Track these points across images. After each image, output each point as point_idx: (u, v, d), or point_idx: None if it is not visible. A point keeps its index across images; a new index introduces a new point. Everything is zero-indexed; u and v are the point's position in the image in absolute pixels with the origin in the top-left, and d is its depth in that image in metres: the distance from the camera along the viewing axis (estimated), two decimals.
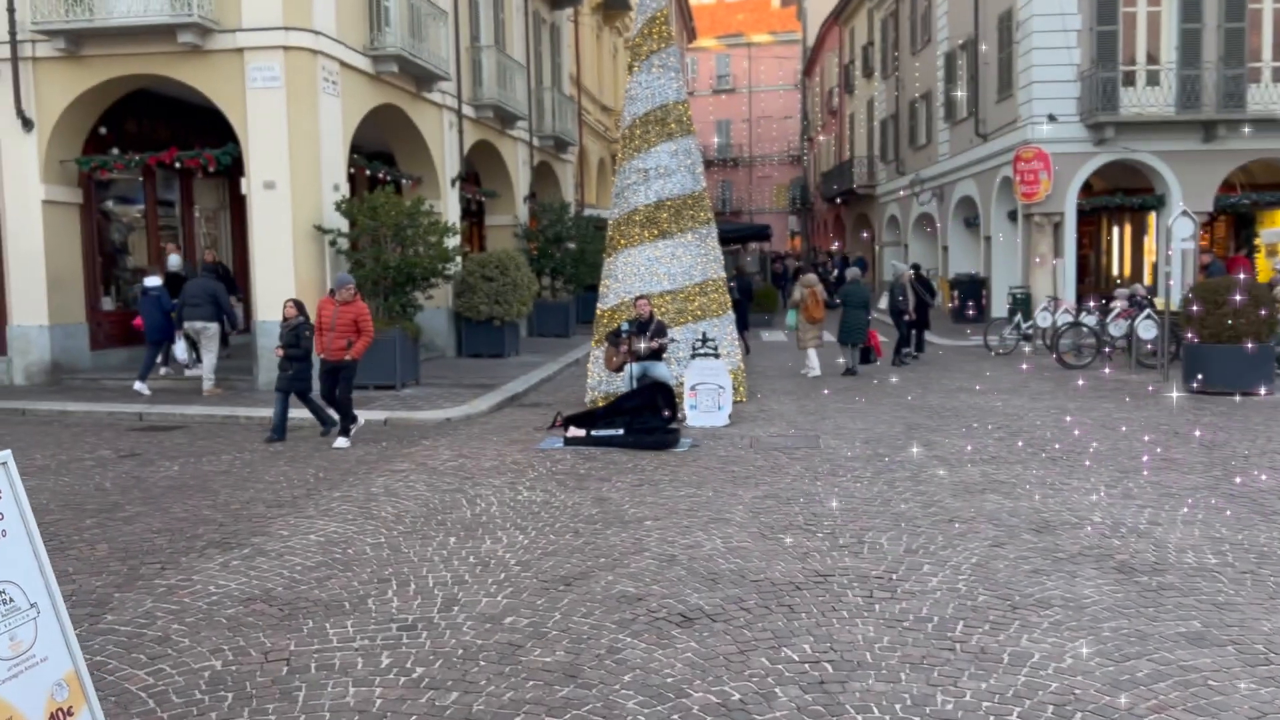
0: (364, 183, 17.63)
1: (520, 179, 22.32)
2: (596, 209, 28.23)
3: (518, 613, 5.09)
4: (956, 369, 16.02)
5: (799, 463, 8.83)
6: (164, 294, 13.37)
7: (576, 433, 10.02)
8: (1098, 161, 21.60)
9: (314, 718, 3.96)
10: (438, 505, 7.38)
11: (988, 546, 6.19)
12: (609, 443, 9.79)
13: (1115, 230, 26.73)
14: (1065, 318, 17.36)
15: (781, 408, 12.14)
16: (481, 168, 21.41)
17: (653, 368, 11.27)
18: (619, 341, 11.41)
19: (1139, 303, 16.67)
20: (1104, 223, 26.90)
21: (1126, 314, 16.38)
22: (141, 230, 16.14)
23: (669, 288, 12.47)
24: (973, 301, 24.61)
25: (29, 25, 13.09)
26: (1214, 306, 12.67)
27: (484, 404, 12.40)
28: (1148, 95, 21.07)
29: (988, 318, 22.61)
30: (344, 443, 9.92)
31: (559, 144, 24.79)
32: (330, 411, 10.34)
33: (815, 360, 15.24)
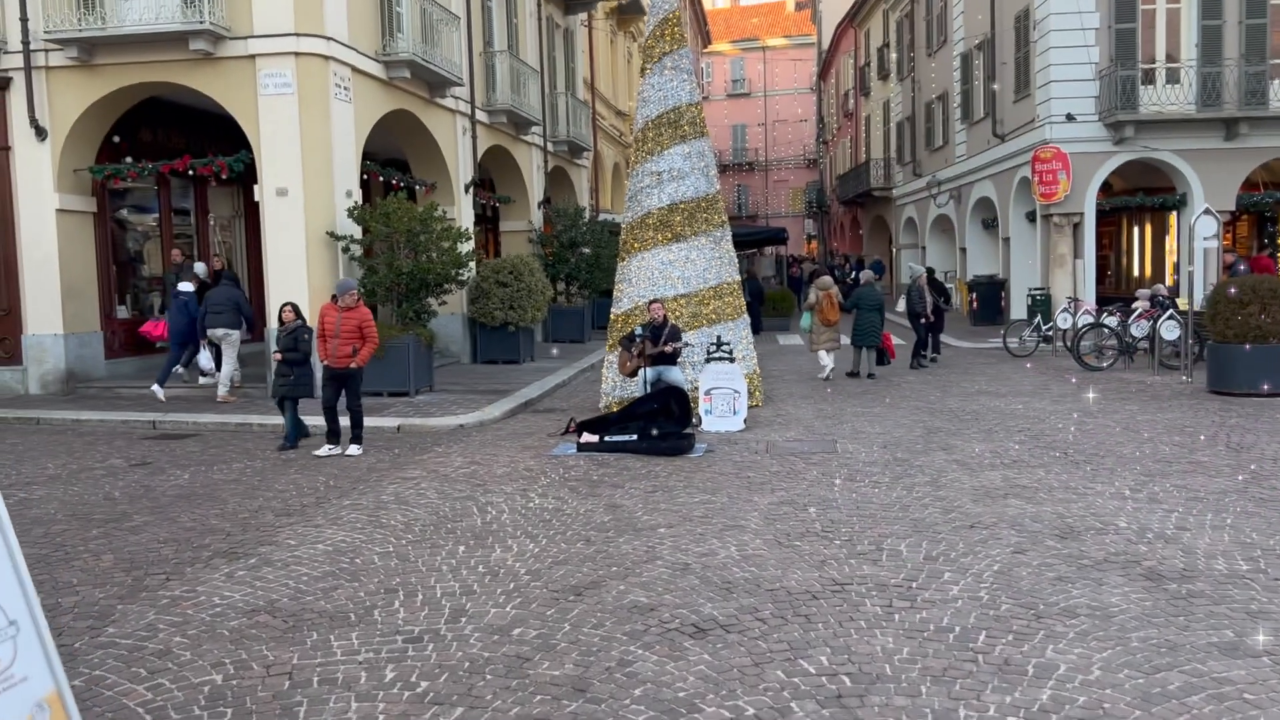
0: (378, 189, 17.63)
1: (535, 184, 22.25)
2: (611, 214, 28.14)
3: (526, 624, 4.96)
4: (976, 372, 15.81)
5: (816, 468, 8.67)
6: (193, 300, 13.58)
7: (590, 438, 9.90)
8: (1117, 161, 21.33)
9: None
10: (448, 513, 7.27)
11: (1010, 553, 6.03)
12: (623, 449, 9.66)
13: (1135, 230, 26.41)
14: (1086, 319, 17.11)
15: (798, 412, 11.98)
16: (496, 173, 21.36)
17: (667, 372, 11.13)
18: (633, 346, 11.29)
19: (1161, 303, 16.42)
20: (1124, 223, 26.59)
21: (1148, 315, 16.14)
22: (156, 239, 16.15)
23: (683, 291, 12.34)
24: (989, 304, 24.35)
25: (41, 34, 13.11)
26: (1238, 306, 12.43)
27: (497, 410, 12.31)
28: (1167, 93, 20.79)
29: (1007, 320, 22.38)
30: (356, 450, 9.84)
31: (573, 149, 24.71)
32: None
33: (830, 362, 15.13)
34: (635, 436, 9.83)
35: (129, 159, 14.22)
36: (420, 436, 10.89)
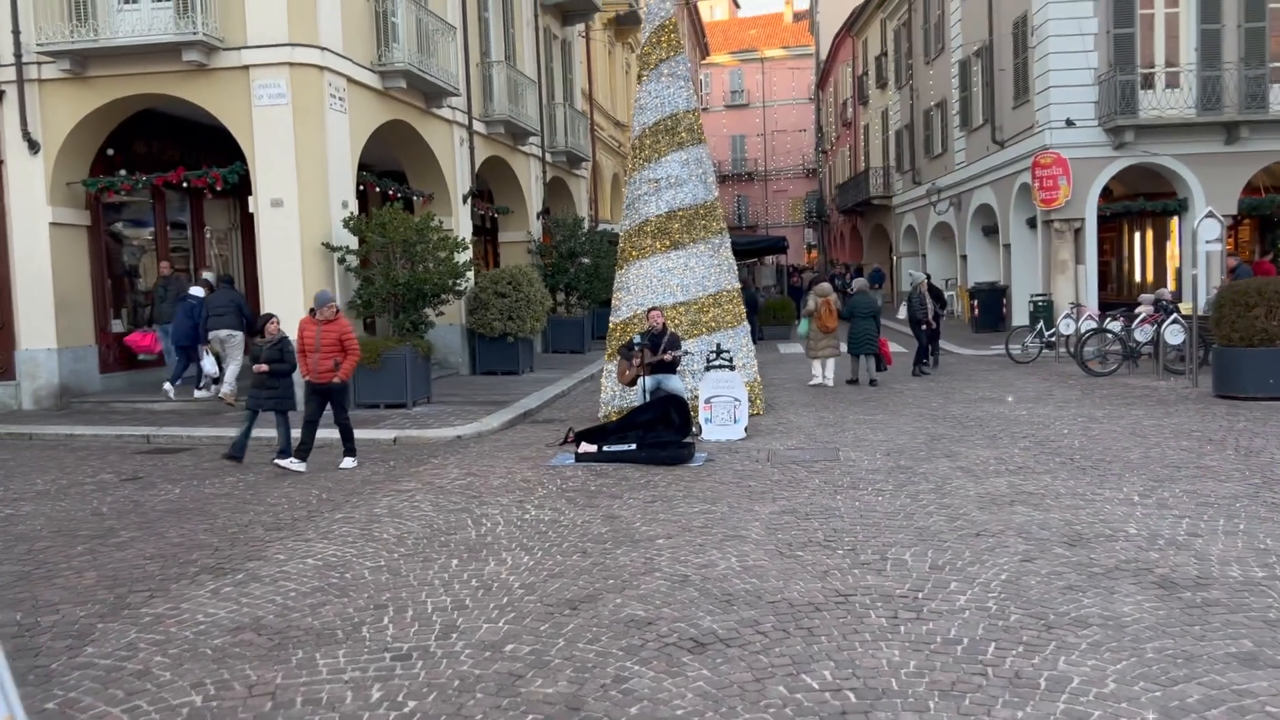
0: (376, 200, 17.50)
1: (533, 195, 22.15)
2: (610, 224, 28.02)
3: (519, 639, 4.80)
4: (979, 378, 15.65)
5: (818, 476, 8.51)
6: (199, 305, 13.67)
7: (588, 448, 9.74)
8: (1117, 166, 21.22)
9: None
10: (442, 526, 7.11)
11: (1018, 562, 5.86)
12: (621, 458, 9.51)
13: (1137, 236, 26.29)
14: (1089, 324, 16.96)
15: (799, 420, 11.82)
16: (494, 184, 21.24)
17: (666, 381, 10.99)
18: (632, 355, 11.14)
19: (1165, 308, 16.26)
20: (1125, 228, 26.47)
21: (1152, 319, 15.98)
22: (152, 253, 16.02)
23: (682, 299, 12.20)
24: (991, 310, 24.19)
25: (34, 46, 13.02)
26: (1244, 309, 12.28)
27: (495, 421, 12.15)
28: (1167, 98, 20.69)
29: (1009, 326, 22.23)
30: (351, 463, 9.67)
31: (572, 159, 24.62)
32: (296, 434, 9.75)
33: (830, 370, 15.13)
34: (634, 446, 9.67)
35: (123, 171, 14.11)
36: (417, 448, 10.74)
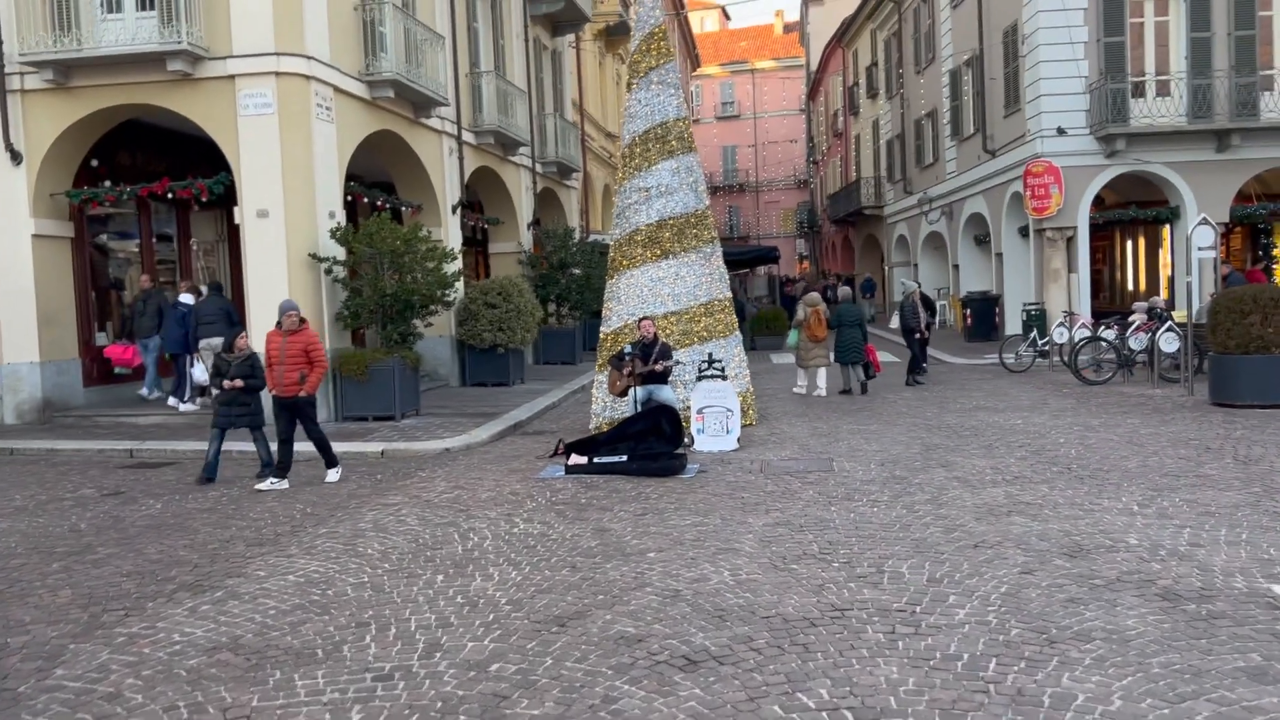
0: (365, 211, 17.34)
1: (523, 205, 22.03)
2: (602, 235, 27.92)
3: (505, 658, 4.64)
4: (973, 387, 15.54)
5: (812, 487, 8.37)
6: (190, 313, 13.63)
7: (578, 460, 9.59)
8: (1109, 174, 21.19)
9: None
10: (428, 540, 6.94)
11: (1017, 574, 5.73)
12: (612, 470, 9.36)
13: (1129, 244, 26.27)
14: (1082, 333, 16.89)
15: (793, 430, 11.69)
16: (484, 195, 21.12)
17: (658, 391, 10.85)
18: (622, 365, 11.00)
19: (1158, 316, 16.20)
20: (1117, 237, 26.44)
21: (1146, 328, 15.91)
22: (138, 265, 15.84)
23: (673, 309, 12.08)
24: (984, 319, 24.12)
25: (16, 56, 12.86)
26: (1239, 316, 12.20)
27: (485, 433, 11.99)
28: (1158, 106, 20.69)
29: (1001, 336, 22.15)
30: (335, 474, 9.49)
31: (562, 170, 24.51)
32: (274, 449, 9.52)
33: (823, 380, 15.07)
34: (625, 457, 9.54)
35: (107, 183, 13.94)
36: (404, 461, 10.57)
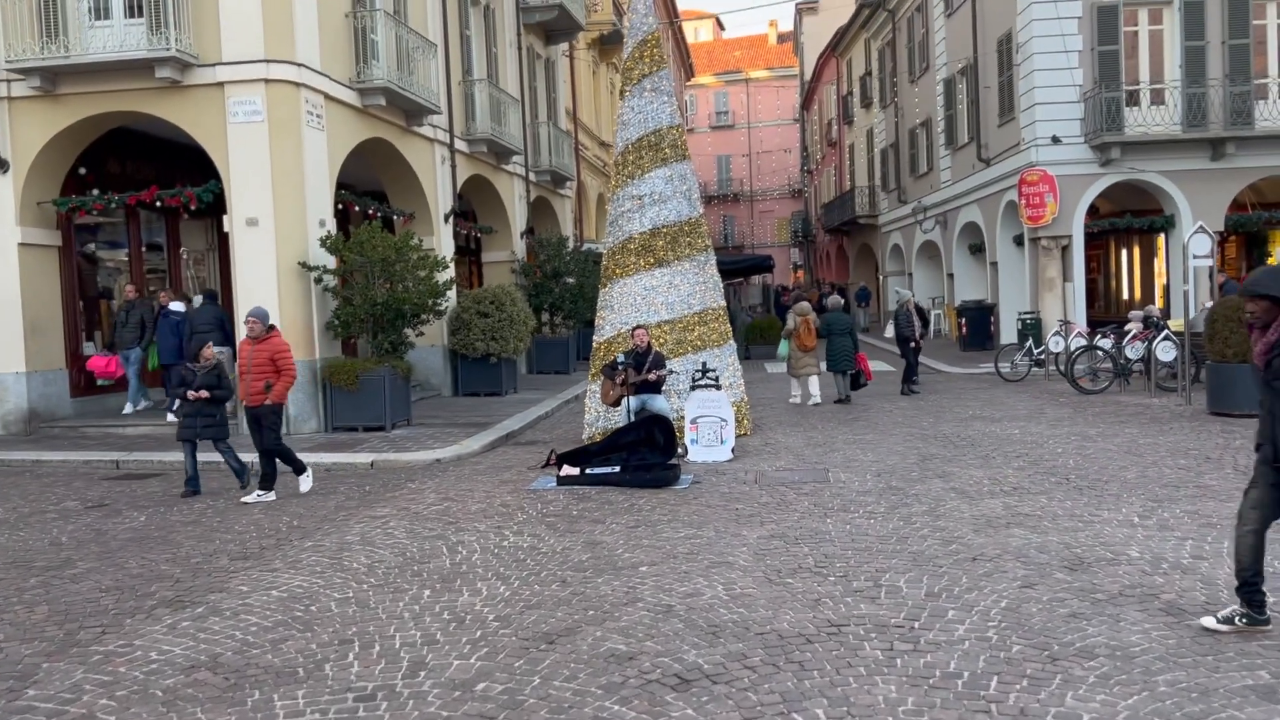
0: (357, 220, 17.21)
1: (517, 214, 21.92)
2: (596, 244, 27.81)
3: (492, 677, 4.50)
4: (969, 397, 15.43)
5: (807, 499, 8.24)
6: (184, 320, 13.54)
7: (570, 471, 9.45)
8: (1104, 182, 21.13)
9: None
10: (415, 554, 6.80)
11: (1017, 588, 5.60)
12: (604, 481, 9.22)
13: (1124, 253, 26.24)
14: (1079, 342, 16.79)
15: (788, 440, 11.56)
16: (477, 203, 21.01)
17: (651, 401, 10.72)
18: (615, 374, 10.88)
19: (1155, 324, 16.11)
20: (1112, 246, 26.42)
21: (1142, 336, 15.83)
22: (128, 275, 15.68)
23: (667, 317, 11.95)
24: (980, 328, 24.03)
25: (3, 63, 12.73)
26: (1238, 325, 12.11)
27: (476, 444, 11.85)
28: (1153, 114, 20.64)
29: (996, 345, 22.06)
30: (307, 482, 9.25)
31: (556, 179, 24.42)
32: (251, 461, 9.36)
33: (815, 388, 15.03)
34: (618, 468, 9.40)
35: (95, 191, 13.79)
36: (394, 472, 10.42)
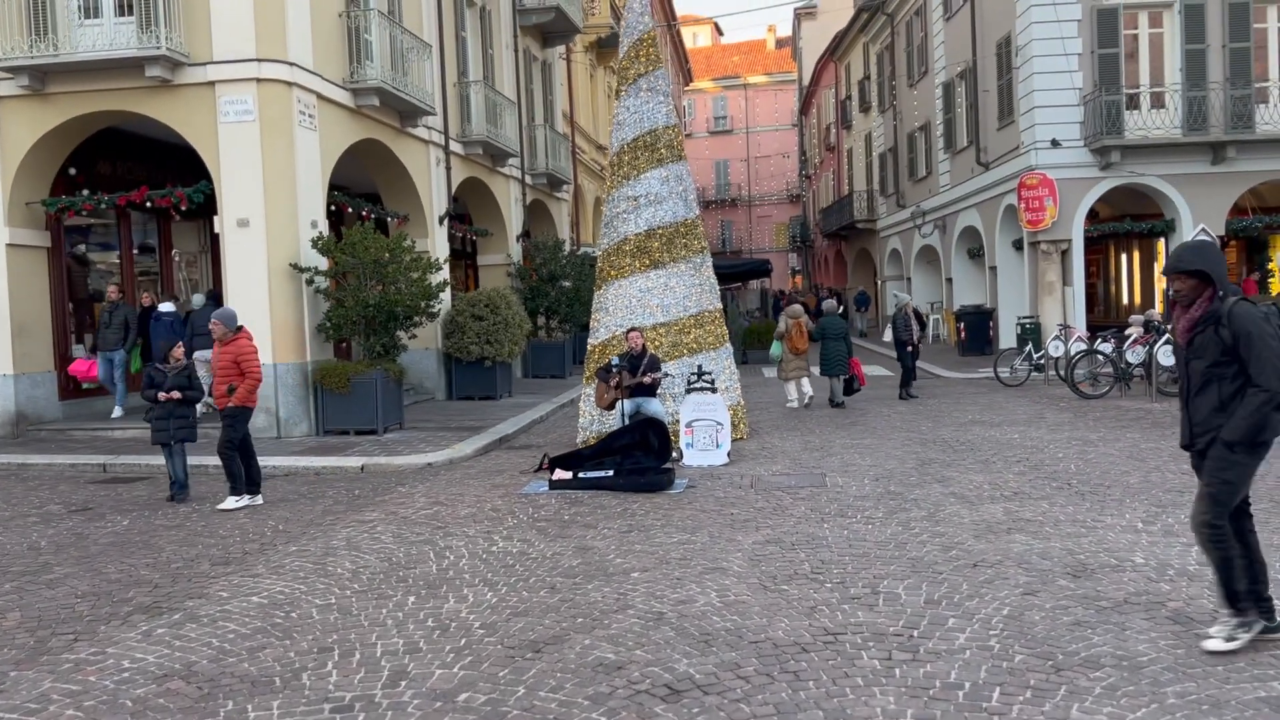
0: (350, 222, 17.06)
1: (513, 217, 21.77)
2: (592, 247, 27.67)
3: (475, 687, 4.34)
4: (968, 401, 15.28)
5: (804, 503, 8.08)
6: (177, 320, 13.41)
7: (563, 475, 9.28)
8: (1104, 186, 21.01)
9: None
10: (401, 559, 6.63)
11: (1019, 595, 5.44)
12: (598, 485, 9.06)
13: (1124, 257, 26.11)
14: (1078, 346, 16.65)
15: (784, 444, 11.41)
16: (473, 206, 20.86)
17: (646, 404, 10.56)
18: (610, 377, 10.72)
19: (1156, 329, 15.98)
20: (1112, 250, 26.29)
21: (1143, 341, 15.69)
22: (119, 277, 15.50)
23: (662, 320, 11.81)
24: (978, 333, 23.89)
25: None
26: None
27: (469, 447, 11.69)
28: (1153, 118, 20.53)
29: (995, 349, 21.93)
30: (233, 502, 8.62)
31: (553, 182, 24.28)
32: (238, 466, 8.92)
33: (807, 386, 15.04)
34: (611, 472, 9.24)
35: (85, 191, 13.63)
36: (384, 476, 10.26)
